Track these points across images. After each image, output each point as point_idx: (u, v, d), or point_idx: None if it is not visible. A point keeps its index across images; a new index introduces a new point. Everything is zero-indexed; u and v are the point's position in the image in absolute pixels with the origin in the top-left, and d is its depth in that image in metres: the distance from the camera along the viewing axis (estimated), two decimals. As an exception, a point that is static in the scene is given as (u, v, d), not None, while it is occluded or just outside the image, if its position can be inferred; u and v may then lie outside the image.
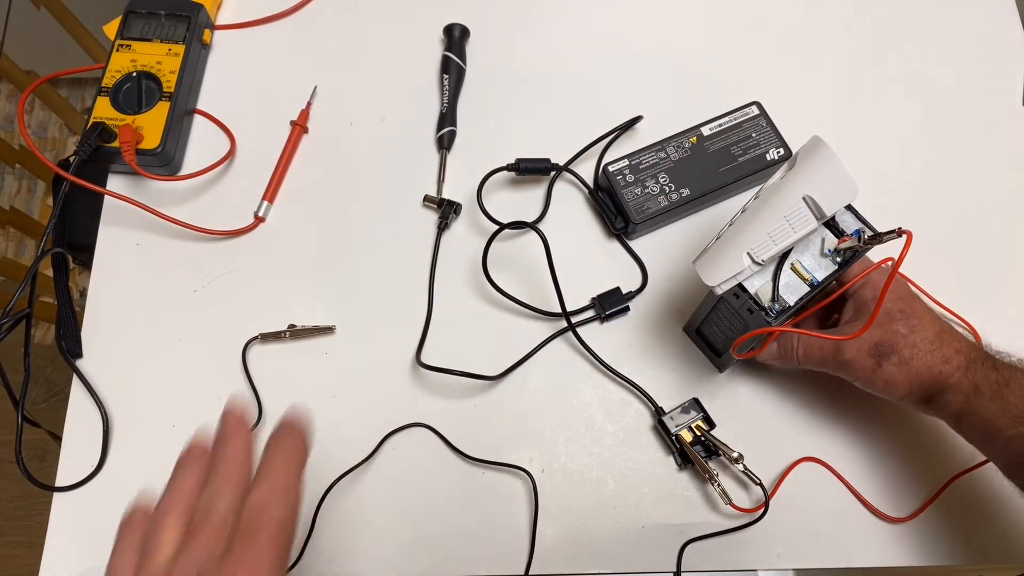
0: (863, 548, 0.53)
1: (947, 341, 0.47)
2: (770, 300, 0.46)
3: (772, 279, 0.47)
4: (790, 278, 0.47)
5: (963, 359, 0.46)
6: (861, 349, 0.47)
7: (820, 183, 0.44)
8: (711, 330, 0.55)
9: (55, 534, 0.53)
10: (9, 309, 0.53)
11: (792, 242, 0.45)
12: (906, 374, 0.46)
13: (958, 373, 0.46)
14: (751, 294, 0.46)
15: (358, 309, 0.59)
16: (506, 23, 0.70)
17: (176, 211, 0.61)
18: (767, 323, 0.46)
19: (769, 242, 0.44)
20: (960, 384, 0.46)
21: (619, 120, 0.63)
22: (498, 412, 0.56)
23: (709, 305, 0.52)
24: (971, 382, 0.45)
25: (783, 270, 0.47)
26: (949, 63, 0.69)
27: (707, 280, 0.46)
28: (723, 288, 0.46)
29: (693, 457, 0.53)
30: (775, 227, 0.45)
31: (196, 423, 0.56)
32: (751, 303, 0.46)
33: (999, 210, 0.63)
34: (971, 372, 0.46)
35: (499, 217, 0.59)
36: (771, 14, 0.71)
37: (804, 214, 0.44)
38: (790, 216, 0.45)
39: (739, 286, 0.46)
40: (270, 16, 0.70)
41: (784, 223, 0.45)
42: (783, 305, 0.46)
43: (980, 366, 0.46)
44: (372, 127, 0.66)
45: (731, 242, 0.46)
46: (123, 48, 0.63)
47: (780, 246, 0.45)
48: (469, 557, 0.53)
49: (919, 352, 0.46)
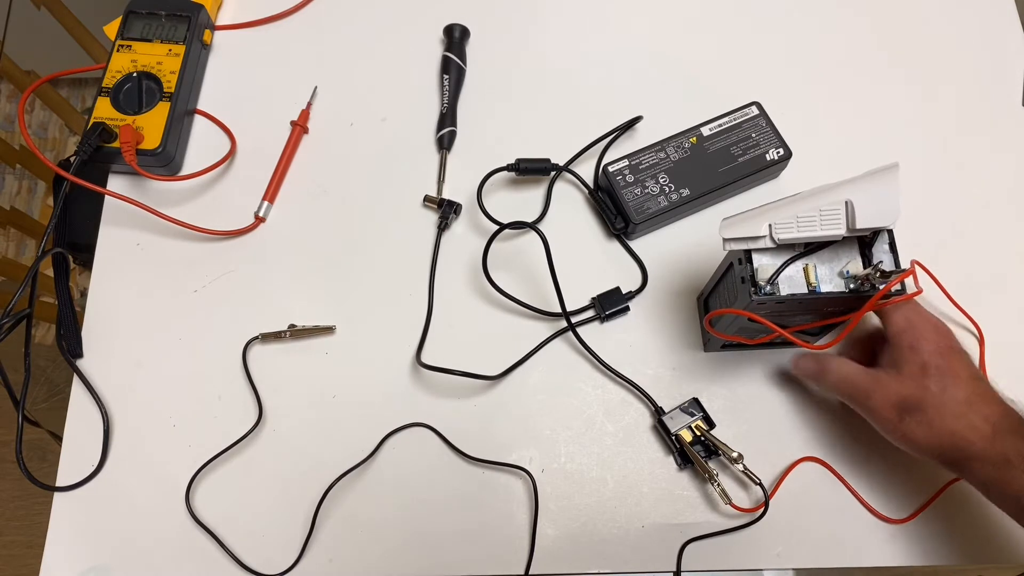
0: (863, 548, 0.53)
1: (976, 407, 0.44)
2: (765, 280, 0.45)
3: (780, 265, 0.46)
4: (796, 274, 0.46)
5: (990, 428, 0.44)
6: (888, 399, 0.46)
7: (867, 196, 0.43)
8: (715, 301, 0.55)
9: (55, 534, 0.53)
10: (9, 309, 0.53)
11: (813, 236, 0.44)
12: (927, 435, 0.45)
13: (982, 442, 0.44)
14: (752, 266, 0.46)
15: (358, 309, 0.59)
16: (506, 23, 0.70)
17: (176, 211, 0.61)
18: (749, 300, 0.45)
19: (794, 225, 0.44)
20: (986, 454, 0.43)
21: (619, 120, 0.63)
22: (498, 412, 0.56)
23: (720, 272, 0.52)
24: (999, 453, 0.43)
25: (795, 263, 0.46)
26: (949, 63, 0.69)
27: (723, 232, 0.45)
28: (732, 245, 0.45)
29: (693, 457, 0.53)
30: (806, 214, 0.44)
31: (196, 423, 0.56)
32: (747, 273, 0.46)
33: (999, 210, 0.63)
34: (998, 442, 0.43)
35: (499, 217, 0.59)
36: (771, 14, 0.71)
37: (838, 216, 0.44)
38: (824, 211, 0.44)
39: (747, 254, 0.46)
40: (270, 16, 0.70)
41: (816, 215, 0.44)
42: (774, 292, 0.45)
43: (1009, 436, 0.43)
44: (372, 127, 0.66)
45: (762, 211, 0.45)
46: (123, 48, 0.63)
47: (802, 234, 0.44)
48: (469, 557, 0.53)
49: (945, 414, 0.44)
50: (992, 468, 0.44)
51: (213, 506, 0.54)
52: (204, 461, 0.54)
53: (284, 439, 0.56)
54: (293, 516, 0.54)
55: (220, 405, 0.57)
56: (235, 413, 0.56)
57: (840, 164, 0.64)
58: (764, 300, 0.45)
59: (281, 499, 0.54)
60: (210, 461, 0.54)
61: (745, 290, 0.46)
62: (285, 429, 0.56)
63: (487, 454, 0.55)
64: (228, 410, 0.56)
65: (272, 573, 0.52)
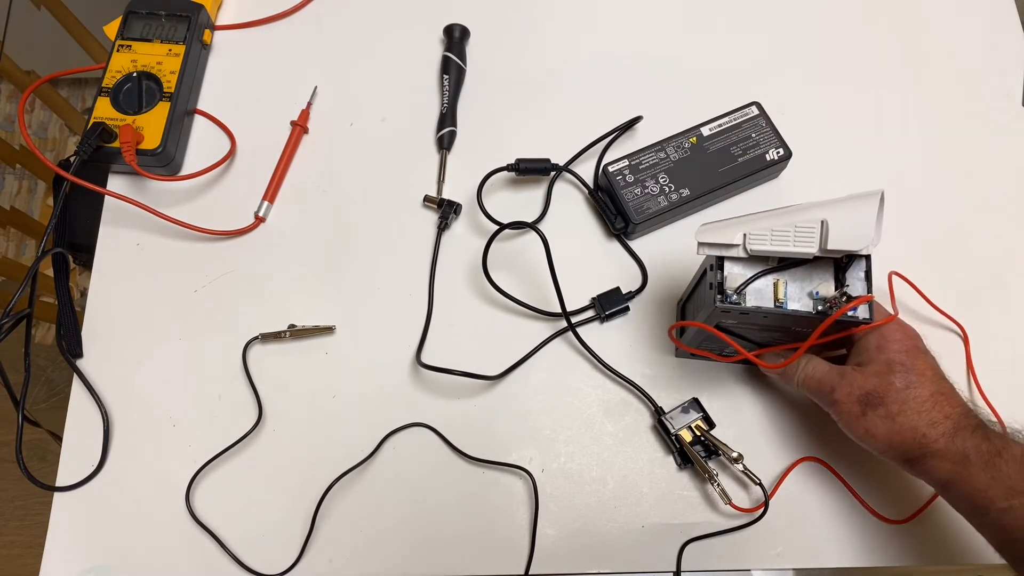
0: (862, 548, 0.53)
1: (939, 404, 0.45)
2: (732, 289, 0.45)
3: (750, 276, 0.46)
4: (766, 287, 0.46)
5: (951, 425, 0.44)
6: (852, 393, 0.46)
7: (844, 218, 0.43)
8: (691, 307, 0.55)
9: (55, 534, 0.53)
10: (9, 309, 0.53)
11: (785, 251, 0.44)
12: (888, 428, 0.45)
13: (943, 439, 0.44)
14: (723, 273, 0.46)
15: (358, 309, 0.59)
16: (506, 23, 0.70)
17: (176, 211, 0.61)
18: (714, 306, 0.45)
19: (767, 237, 0.44)
20: (946, 451, 0.44)
21: (619, 120, 0.64)
22: (498, 412, 0.56)
23: (696, 278, 0.53)
24: (959, 450, 0.43)
25: (766, 277, 0.46)
26: (949, 63, 0.69)
27: (698, 236, 0.46)
28: (705, 251, 0.46)
29: (693, 457, 0.53)
30: (780, 228, 0.44)
31: (196, 423, 0.56)
32: (716, 280, 0.46)
33: (999, 210, 0.63)
34: (959, 439, 0.44)
35: (499, 217, 0.59)
36: (771, 15, 0.71)
37: (812, 234, 0.43)
38: (799, 227, 0.44)
39: (719, 261, 0.46)
40: (270, 16, 0.70)
41: (790, 231, 0.44)
42: (739, 302, 0.45)
43: (970, 434, 0.44)
44: (372, 127, 0.66)
45: (741, 221, 0.45)
46: (123, 48, 0.63)
47: (774, 247, 0.44)
48: (469, 557, 0.53)
49: (907, 410, 0.45)
50: (951, 465, 0.44)
51: (213, 506, 0.54)
52: (204, 461, 0.54)
53: (284, 439, 0.56)
54: (293, 516, 0.54)
55: (220, 405, 0.57)
56: (235, 413, 0.56)
57: (840, 164, 0.64)
58: (728, 308, 0.45)
59: (281, 499, 0.54)
60: (210, 461, 0.54)
61: (711, 296, 0.46)
62: (285, 429, 0.56)
63: (487, 454, 0.55)
64: (228, 410, 0.56)
65: (272, 573, 0.52)
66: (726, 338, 0.49)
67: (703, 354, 0.55)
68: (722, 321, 0.48)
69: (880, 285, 0.57)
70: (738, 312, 0.45)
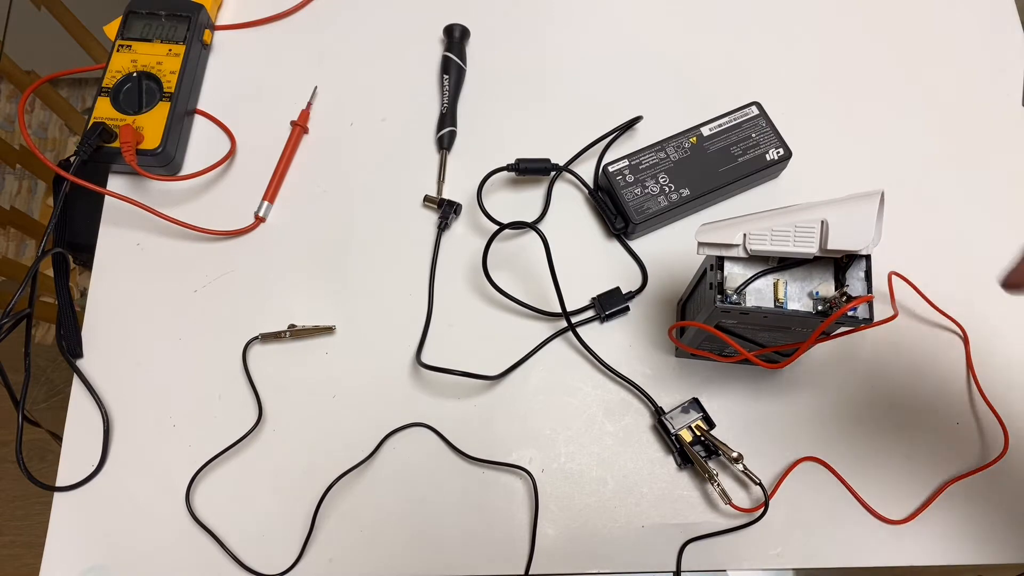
0: (862, 548, 0.53)
1: None
2: (732, 289, 0.45)
3: (751, 276, 0.46)
4: (766, 287, 0.46)
5: None
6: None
7: (844, 218, 0.43)
8: (691, 307, 0.55)
9: (55, 534, 0.53)
10: (9, 309, 0.53)
11: (785, 251, 0.44)
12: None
13: None
14: (723, 273, 0.46)
15: (358, 309, 0.59)
16: (506, 23, 0.70)
17: (176, 211, 0.61)
18: (714, 306, 0.45)
19: (767, 237, 0.44)
20: None
21: (619, 120, 0.64)
22: (498, 412, 0.56)
23: (696, 278, 0.53)
24: None
25: (766, 277, 0.46)
26: (949, 63, 0.69)
27: (698, 236, 0.46)
28: (705, 251, 0.46)
29: (693, 457, 0.53)
30: (780, 228, 0.44)
31: (196, 423, 0.56)
32: (716, 280, 0.46)
33: (999, 210, 0.63)
34: None
35: (499, 217, 0.59)
36: (771, 14, 0.71)
37: (811, 234, 0.43)
38: (799, 227, 0.44)
39: (719, 261, 0.46)
40: (270, 16, 0.70)
41: (790, 231, 0.44)
42: (739, 302, 0.45)
43: None
44: (372, 127, 0.66)
45: (741, 221, 0.45)
46: (123, 48, 0.63)
47: (774, 247, 0.44)
48: (469, 557, 0.53)
49: None
50: None
51: (213, 506, 0.54)
52: (204, 461, 0.54)
53: (284, 439, 0.56)
54: (293, 516, 0.54)
55: (220, 405, 0.57)
56: (235, 413, 0.56)
57: (840, 164, 0.64)
58: (728, 308, 0.45)
59: (281, 499, 0.54)
60: (210, 461, 0.54)
61: (711, 296, 0.46)
62: (285, 429, 0.56)
63: (487, 454, 0.55)
64: (228, 410, 0.56)
65: (272, 573, 0.52)
66: (726, 338, 0.49)
67: (703, 354, 0.55)
68: (722, 321, 0.48)
69: (880, 285, 0.57)
70: (738, 312, 0.45)
